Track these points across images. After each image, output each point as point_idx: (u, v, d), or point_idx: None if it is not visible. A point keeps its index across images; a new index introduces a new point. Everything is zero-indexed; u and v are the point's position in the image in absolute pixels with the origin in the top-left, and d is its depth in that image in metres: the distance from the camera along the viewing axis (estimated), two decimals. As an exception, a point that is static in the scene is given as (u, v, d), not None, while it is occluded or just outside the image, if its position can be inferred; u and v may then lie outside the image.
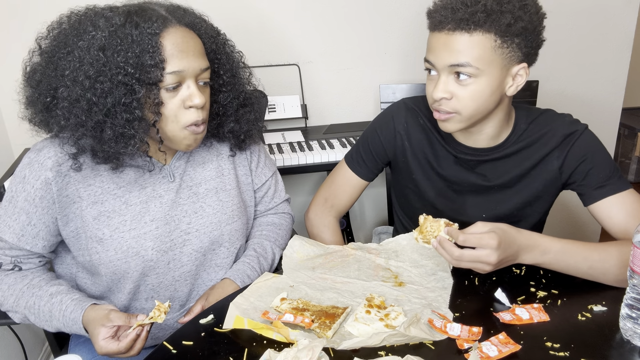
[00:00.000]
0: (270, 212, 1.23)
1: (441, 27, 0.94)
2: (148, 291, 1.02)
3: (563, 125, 1.06)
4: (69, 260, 1.05)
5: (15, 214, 0.95)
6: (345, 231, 2.07)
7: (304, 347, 0.74)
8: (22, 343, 1.59)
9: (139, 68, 0.86)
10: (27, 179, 0.94)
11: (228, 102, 1.05)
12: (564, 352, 0.77)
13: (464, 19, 0.91)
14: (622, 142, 3.32)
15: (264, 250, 1.13)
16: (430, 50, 0.98)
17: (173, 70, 0.88)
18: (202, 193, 1.05)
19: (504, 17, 0.91)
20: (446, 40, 0.94)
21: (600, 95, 2.23)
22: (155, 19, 0.88)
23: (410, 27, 1.98)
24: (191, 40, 0.92)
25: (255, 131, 1.11)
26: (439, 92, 0.97)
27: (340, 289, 0.95)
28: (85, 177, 0.95)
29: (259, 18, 1.87)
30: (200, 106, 0.92)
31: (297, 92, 1.95)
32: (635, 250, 0.76)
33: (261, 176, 1.18)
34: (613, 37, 2.14)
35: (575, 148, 1.04)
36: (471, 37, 0.92)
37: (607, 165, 1.04)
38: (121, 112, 0.87)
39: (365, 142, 1.22)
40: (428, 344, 0.80)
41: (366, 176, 1.24)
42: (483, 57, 0.93)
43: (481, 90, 0.96)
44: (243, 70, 1.08)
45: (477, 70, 0.94)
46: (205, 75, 0.95)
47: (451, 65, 0.94)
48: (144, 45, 0.86)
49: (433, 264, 1.01)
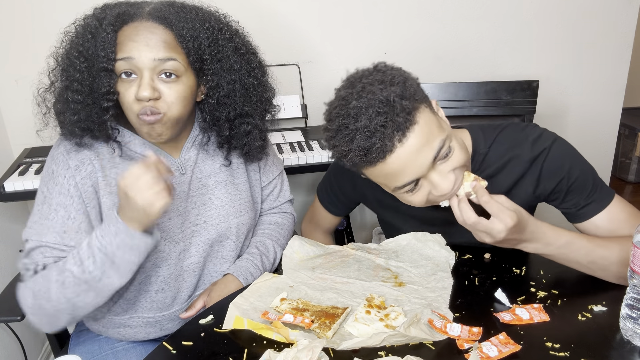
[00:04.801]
0: (274, 211, 1.24)
1: (391, 149, 0.82)
2: (159, 283, 1.03)
3: (527, 148, 0.99)
4: None
5: (52, 212, 0.93)
6: (345, 231, 2.07)
7: (304, 348, 0.74)
8: (22, 343, 1.59)
9: (90, 57, 0.90)
10: (55, 173, 0.94)
11: (216, 107, 1.00)
12: (564, 353, 0.77)
13: (402, 121, 0.81)
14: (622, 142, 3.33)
15: (266, 249, 1.14)
16: (399, 173, 0.85)
17: (122, 57, 0.90)
18: (211, 185, 1.06)
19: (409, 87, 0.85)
20: (407, 150, 0.82)
21: (600, 95, 2.23)
22: (119, 13, 0.91)
23: (411, 26, 1.98)
24: (151, 34, 0.90)
25: (254, 147, 1.07)
26: (448, 185, 0.87)
27: (340, 289, 0.95)
28: (103, 167, 0.97)
29: (259, 18, 1.87)
30: (145, 99, 0.89)
31: (297, 92, 1.95)
32: (635, 250, 0.76)
33: (269, 174, 1.19)
34: (613, 37, 2.14)
35: (547, 169, 0.98)
36: (420, 125, 0.83)
37: (586, 178, 0.98)
38: (73, 94, 0.92)
39: (331, 186, 1.22)
40: (428, 344, 0.80)
41: (338, 213, 1.27)
42: (436, 125, 0.86)
43: (460, 146, 0.89)
44: (250, 81, 1.01)
45: (448, 138, 0.86)
46: (167, 68, 0.90)
47: (434, 160, 0.85)
48: (100, 35, 0.90)
49: (433, 264, 1.01)
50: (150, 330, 1.07)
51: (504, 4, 2.03)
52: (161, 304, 1.05)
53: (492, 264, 1.02)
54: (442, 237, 1.06)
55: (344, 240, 2.07)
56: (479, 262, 1.03)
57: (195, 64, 0.95)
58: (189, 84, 0.95)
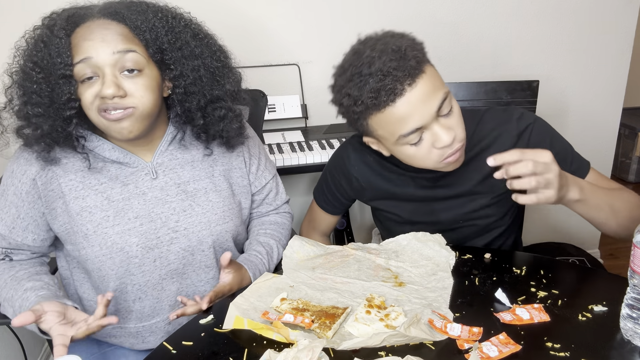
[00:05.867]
0: (272, 212, 1.24)
1: (401, 92, 0.89)
2: (135, 291, 1.01)
3: (513, 124, 1.06)
4: (63, 258, 1.07)
5: (6, 206, 0.99)
6: (345, 231, 2.07)
7: (304, 348, 0.74)
8: (22, 343, 1.58)
9: (47, 67, 0.88)
10: (14, 174, 0.98)
11: (186, 97, 0.98)
12: (564, 353, 0.77)
13: (413, 66, 0.90)
14: (622, 142, 3.32)
15: (270, 249, 1.14)
16: (407, 119, 0.91)
17: (80, 59, 0.88)
18: (191, 192, 1.03)
19: (418, 43, 0.96)
20: (415, 95, 0.90)
21: (600, 95, 2.23)
22: (68, 17, 0.90)
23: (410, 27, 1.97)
24: (105, 30, 0.89)
25: (231, 130, 1.05)
26: (448, 136, 0.93)
27: (340, 289, 0.95)
28: (67, 171, 0.97)
29: (259, 18, 1.87)
30: (110, 97, 0.87)
31: (297, 92, 1.95)
32: (636, 250, 0.76)
33: (261, 179, 1.17)
34: (613, 37, 2.14)
35: (533, 143, 1.04)
36: (427, 74, 0.92)
37: (567, 150, 1.06)
38: (24, 106, 0.91)
39: (327, 183, 1.24)
40: (428, 344, 0.80)
41: (334, 212, 1.29)
42: (441, 81, 0.95)
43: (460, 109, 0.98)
44: (214, 64, 1.00)
45: (449, 94, 0.94)
46: (129, 62, 0.89)
47: (437, 110, 0.92)
48: (53, 43, 0.88)
49: (433, 264, 1.01)
50: (133, 341, 1.07)
51: (504, 4, 2.03)
52: (140, 314, 1.04)
53: (492, 264, 1.02)
54: (442, 237, 1.06)
55: (344, 240, 2.07)
56: (479, 262, 1.03)
57: (156, 55, 0.93)
58: (152, 76, 0.93)
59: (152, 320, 1.05)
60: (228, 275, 1.00)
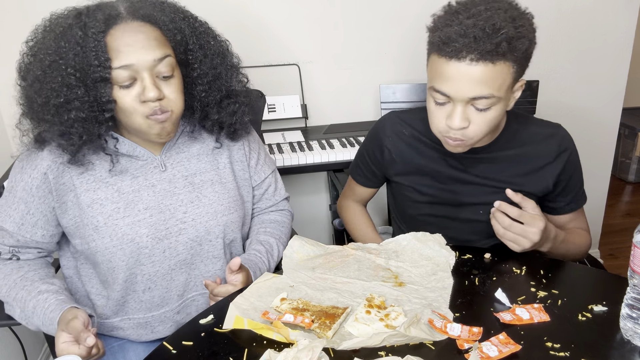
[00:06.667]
0: (272, 209, 1.25)
1: (461, 57, 0.90)
2: (145, 281, 1.03)
3: (557, 139, 1.11)
4: (69, 255, 1.08)
5: (14, 203, 0.99)
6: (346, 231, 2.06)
7: (304, 348, 0.74)
8: (22, 343, 1.58)
9: (83, 69, 0.87)
10: (24, 169, 0.98)
11: (207, 94, 1.02)
12: (564, 352, 0.77)
13: (490, 50, 0.88)
14: (622, 142, 3.33)
15: (270, 247, 1.15)
16: (446, 80, 0.93)
17: (121, 64, 0.88)
18: (197, 183, 1.06)
19: (521, 43, 0.91)
20: (468, 71, 0.90)
21: (600, 95, 2.23)
22: (102, 18, 0.88)
23: (411, 27, 1.98)
24: (141, 34, 0.90)
25: (242, 123, 1.10)
26: (460, 123, 0.95)
27: (340, 289, 0.95)
28: (79, 165, 0.97)
29: (259, 18, 1.87)
30: (153, 99, 0.90)
31: (297, 92, 1.95)
32: (636, 250, 0.76)
33: (261, 173, 1.19)
34: (613, 37, 2.14)
35: (568, 167, 1.11)
36: (495, 67, 0.90)
37: (578, 184, 1.15)
38: (65, 112, 0.89)
39: (362, 156, 1.27)
40: (428, 344, 0.80)
41: (371, 185, 1.30)
42: (503, 85, 0.93)
43: (497, 116, 0.97)
44: (227, 61, 1.04)
45: (497, 99, 0.94)
46: (164, 67, 0.91)
47: (473, 98, 0.93)
48: (89, 45, 0.87)
49: (433, 264, 1.01)
50: (141, 332, 1.08)
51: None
52: (149, 304, 1.06)
53: (492, 264, 1.02)
54: (442, 237, 1.06)
55: (344, 240, 2.07)
56: (479, 262, 1.03)
57: (181, 55, 0.96)
58: (180, 77, 0.96)
59: (161, 309, 1.07)
60: (237, 276, 1.01)
